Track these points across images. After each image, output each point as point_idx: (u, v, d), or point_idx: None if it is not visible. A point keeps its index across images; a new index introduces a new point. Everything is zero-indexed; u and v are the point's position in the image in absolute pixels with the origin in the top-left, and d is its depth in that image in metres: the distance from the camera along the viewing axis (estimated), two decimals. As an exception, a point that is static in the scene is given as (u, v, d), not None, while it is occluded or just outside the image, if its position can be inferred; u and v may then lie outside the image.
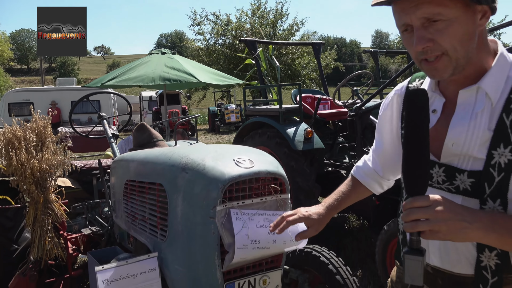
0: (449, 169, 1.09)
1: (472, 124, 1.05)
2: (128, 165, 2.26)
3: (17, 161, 2.65)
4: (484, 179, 1.02)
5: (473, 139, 1.04)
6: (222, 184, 1.62)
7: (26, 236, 3.13)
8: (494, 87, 1.03)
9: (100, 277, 1.70)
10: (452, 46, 1.01)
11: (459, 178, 1.07)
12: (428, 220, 0.94)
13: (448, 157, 1.10)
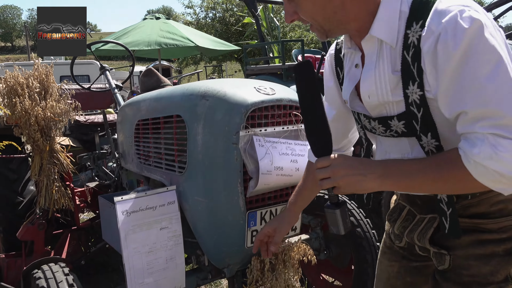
0: (382, 120, 1.10)
1: (377, 73, 1.05)
2: (139, 106, 2.19)
3: (21, 107, 2.57)
4: (410, 118, 1.03)
5: (383, 86, 1.05)
6: (245, 109, 1.58)
7: (31, 189, 3.09)
8: (386, 30, 1.01)
9: (120, 208, 1.67)
10: (310, 17, 1.06)
11: (393, 124, 1.08)
12: (330, 178, 1.02)
13: (374, 109, 1.11)
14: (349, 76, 1.18)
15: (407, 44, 0.98)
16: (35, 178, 2.72)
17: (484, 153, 0.86)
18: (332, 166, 1.02)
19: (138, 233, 1.71)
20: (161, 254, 1.76)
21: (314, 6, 1.04)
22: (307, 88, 1.06)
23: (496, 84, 0.86)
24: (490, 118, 0.86)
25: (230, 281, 2.01)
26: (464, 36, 0.86)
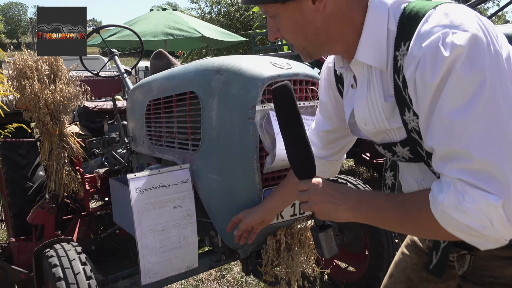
0: (386, 146, 1.03)
1: (369, 99, 0.97)
2: (150, 86, 2.15)
3: (30, 90, 2.54)
4: (414, 144, 0.95)
5: (377, 114, 0.97)
6: (261, 83, 1.54)
7: (41, 174, 3.07)
8: (373, 54, 0.91)
9: (133, 185, 1.64)
10: (289, 38, 1.00)
11: (397, 150, 1.01)
12: (307, 203, 1.01)
13: (375, 136, 1.04)
14: (347, 98, 1.11)
15: (397, 67, 0.88)
16: (45, 163, 2.70)
17: (448, 201, 0.78)
18: (309, 191, 1.00)
19: (151, 211, 1.68)
20: (174, 233, 1.73)
21: (295, 27, 0.96)
22: (286, 112, 1.02)
23: (467, 120, 0.75)
24: (459, 160, 0.77)
25: (244, 263, 1.98)
26: (443, 66, 0.76)
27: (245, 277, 2.84)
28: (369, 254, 2.50)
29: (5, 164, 2.94)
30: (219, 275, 2.93)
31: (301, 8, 0.92)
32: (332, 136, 1.30)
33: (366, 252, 2.55)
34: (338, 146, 1.33)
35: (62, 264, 1.60)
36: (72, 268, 1.59)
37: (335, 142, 1.32)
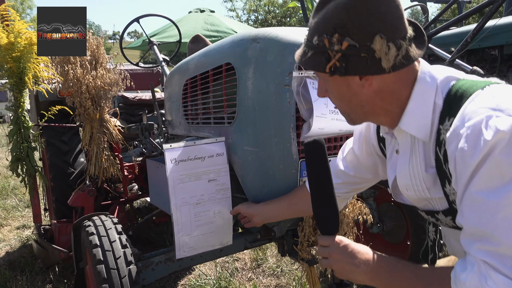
0: (429, 212, 1.04)
1: (411, 168, 0.99)
2: (187, 66, 2.16)
3: (73, 75, 2.62)
4: (456, 214, 0.91)
5: (418, 183, 0.99)
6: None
7: (82, 160, 3.16)
8: (417, 125, 0.94)
9: (168, 156, 1.63)
10: (336, 103, 1.04)
11: (440, 217, 1.02)
12: (327, 259, 1.02)
13: (417, 202, 1.05)
14: (391, 163, 1.12)
15: (439, 140, 0.91)
16: (86, 148, 2.77)
17: (470, 282, 0.78)
18: (330, 249, 1.01)
19: (186, 183, 1.66)
20: (209, 207, 1.70)
21: (341, 96, 1.00)
22: (316, 168, 1.04)
23: (500, 202, 0.75)
24: (487, 242, 0.77)
25: (279, 243, 1.92)
26: (483, 148, 0.76)
27: (281, 267, 2.78)
28: (411, 244, 2.38)
29: (49, 150, 3.05)
30: (254, 264, 2.88)
31: (348, 81, 0.95)
32: (350, 179, 1.34)
33: (407, 242, 2.43)
34: (351, 188, 1.37)
35: (99, 232, 1.61)
36: (108, 236, 1.59)
37: (349, 185, 1.36)
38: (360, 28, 0.87)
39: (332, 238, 1.02)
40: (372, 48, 0.87)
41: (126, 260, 1.55)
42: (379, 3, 0.87)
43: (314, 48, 0.94)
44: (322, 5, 0.93)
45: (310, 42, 0.96)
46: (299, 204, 1.53)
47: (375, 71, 0.89)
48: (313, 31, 0.94)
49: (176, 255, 1.66)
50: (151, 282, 1.77)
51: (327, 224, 1.05)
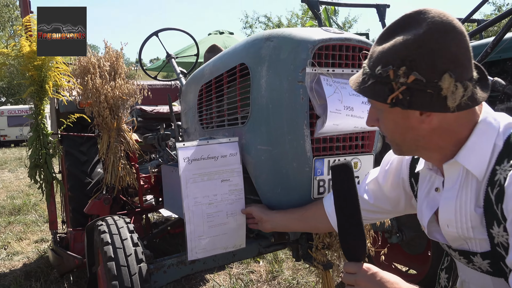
0: (463, 253, 1.02)
1: (458, 204, 0.97)
2: (203, 72, 2.18)
3: (92, 85, 2.68)
4: (498, 259, 0.93)
5: (463, 221, 0.96)
6: (312, 45, 1.49)
7: (99, 171, 3.19)
8: (475, 161, 0.93)
9: (181, 155, 1.63)
10: (386, 133, 1.02)
11: (476, 260, 0.99)
12: (353, 287, 1.00)
13: (454, 241, 1.03)
14: (428, 200, 1.11)
15: (493, 180, 0.90)
16: (103, 157, 2.79)
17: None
18: (357, 276, 0.99)
19: (199, 182, 1.65)
20: (221, 208, 1.68)
21: (395, 128, 0.98)
22: (344, 192, 1.04)
23: None
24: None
25: (293, 247, 1.87)
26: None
27: (297, 279, 2.70)
28: (431, 254, 2.30)
29: (67, 160, 3.09)
30: (269, 276, 2.82)
31: (407, 114, 0.93)
32: (368, 207, 1.34)
33: (428, 253, 2.34)
34: (366, 217, 1.34)
35: (111, 231, 1.60)
36: (120, 235, 1.58)
37: (365, 212, 1.32)
38: (430, 64, 0.86)
39: (359, 265, 1.00)
40: (439, 85, 0.86)
41: (137, 258, 1.53)
42: (452, 43, 0.86)
43: (376, 78, 0.92)
44: (390, 35, 0.93)
45: (371, 71, 0.94)
46: (311, 220, 1.51)
47: (439, 108, 0.88)
48: (377, 60, 0.93)
49: (188, 257, 1.63)
50: (163, 285, 1.74)
51: (354, 250, 1.04)
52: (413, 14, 0.90)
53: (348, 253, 1.05)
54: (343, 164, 1.02)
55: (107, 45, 2.92)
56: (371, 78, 0.93)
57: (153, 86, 4.05)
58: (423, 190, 1.13)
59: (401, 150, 1.04)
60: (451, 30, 0.87)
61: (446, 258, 1.25)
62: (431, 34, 0.86)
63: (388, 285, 0.95)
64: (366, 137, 1.67)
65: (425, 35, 0.86)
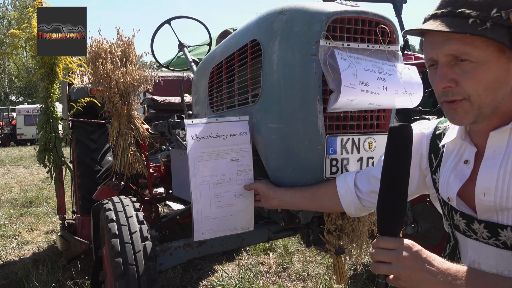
0: (490, 225, 0.97)
1: (503, 171, 0.92)
2: (214, 54, 2.14)
3: (103, 70, 2.66)
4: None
5: (504, 189, 0.91)
6: (326, 17, 1.42)
7: (109, 159, 3.17)
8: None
9: (190, 132, 1.58)
10: (476, 91, 0.92)
11: (504, 234, 0.94)
12: (390, 264, 0.88)
13: (485, 212, 0.97)
14: (456, 172, 1.06)
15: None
16: (113, 144, 2.77)
17: None
18: (399, 252, 0.88)
19: (207, 161, 1.60)
20: (229, 188, 1.63)
21: (493, 83, 0.91)
22: (398, 157, 0.94)
23: None
24: None
25: (304, 232, 1.81)
26: None
27: (307, 271, 2.63)
28: (447, 247, 2.21)
29: (78, 148, 3.08)
30: (279, 268, 2.75)
31: (509, 66, 0.90)
32: None
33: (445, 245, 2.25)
34: None
35: (116, 209, 1.56)
36: (125, 212, 1.54)
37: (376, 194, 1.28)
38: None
39: (400, 240, 0.89)
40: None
41: (142, 236, 1.49)
42: None
43: (495, 20, 0.86)
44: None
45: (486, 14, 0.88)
46: (322, 199, 1.45)
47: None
48: (489, 2, 0.88)
49: (194, 237, 1.58)
50: (168, 267, 1.70)
51: (394, 223, 0.92)
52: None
53: (384, 225, 0.93)
54: (405, 125, 0.94)
55: (119, 32, 2.90)
56: (489, 20, 0.87)
57: (165, 77, 4.03)
58: (450, 163, 1.08)
59: (481, 113, 0.95)
60: None
61: (449, 244, 1.17)
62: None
63: (436, 264, 0.87)
64: (382, 116, 1.60)
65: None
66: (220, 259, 2.97)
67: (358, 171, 1.44)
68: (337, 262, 1.68)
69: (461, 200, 1.04)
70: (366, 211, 1.42)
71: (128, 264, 1.38)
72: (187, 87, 4.06)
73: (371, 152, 1.58)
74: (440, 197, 1.14)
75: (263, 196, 1.58)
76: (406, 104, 1.51)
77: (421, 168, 1.21)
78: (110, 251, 1.45)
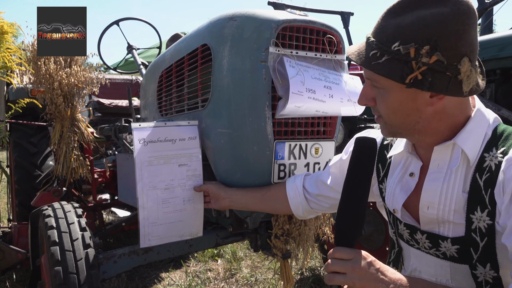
0: (431, 236, 1.01)
1: (446, 186, 0.97)
2: (164, 58, 2.11)
3: (46, 70, 2.54)
4: (469, 245, 0.94)
5: (447, 203, 0.96)
6: (276, 24, 1.45)
7: (50, 164, 3.02)
8: (470, 144, 0.94)
9: (137, 136, 1.54)
10: (385, 113, 0.98)
11: (444, 245, 0.99)
12: (345, 275, 0.88)
13: (427, 223, 1.02)
14: (401, 184, 1.10)
15: (482, 167, 0.92)
16: (55, 147, 2.65)
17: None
18: (354, 262, 0.88)
19: (155, 166, 1.57)
20: (178, 193, 1.61)
21: (400, 109, 0.94)
22: (361, 168, 0.95)
23: None
24: None
25: (252, 237, 1.82)
26: None
27: (255, 276, 2.64)
28: (389, 250, 2.30)
29: (16, 151, 2.91)
30: (227, 274, 2.74)
31: (416, 95, 0.91)
32: (328, 193, 1.33)
33: (386, 248, 2.35)
34: (324, 203, 1.36)
35: (56, 215, 1.49)
36: (66, 219, 1.48)
37: (324, 199, 1.35)
38: (453, 46, 0.84)
39: (356, 251, 0.89)
40: (458, 68, 0.85)
41: (84, 243, 1.43)
42: (472, 26, 0.85)
43: (393, 54, 0.87)
44: (405, 10, 0.88)
45: (386, 47, 0.88)
46: (271, 200, 1.47)
47: (454, 92, 0.87)
48: (394, 36, 0.88)
49: (140, 244, 1.54)
50: (112, 276, 1.64)
51: (351, 234, 0.93)
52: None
53: (341, 236, 0.94)
54: (370, 139, 0.95)
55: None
56: (386, 54, 0.88)
57: (112, 80, 3.92)
58: (396, 175, 1.11)
59: (395, 132, 1.00)
60: (474, 13, 0.85)
61: (393, 251, 1.22)
62: (458, 15, 0.83)
63: (389, 274, 0.87)
64: (328, 123, 1.65)
65: (453, 15, 0.83)
66: (167, 266, 2.92)
67: (307, 174, 1.47)
68: (284, 266, 1.70)
69: (406, 211, 1.08)
70: (313, 213, 1.45)
71: (68, 272, 1.32)
72: (135, 91, 3.96)
73: (317, 158, 1.63)
74: (386, 206, 1.18)
75: (213, 197, 1.57)
76: (351, 112, 1.57)
77: None
78: (49, 260, 1.38)
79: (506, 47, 2.85)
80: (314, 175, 1.42)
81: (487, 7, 3.30)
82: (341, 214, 0.95)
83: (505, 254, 0.88)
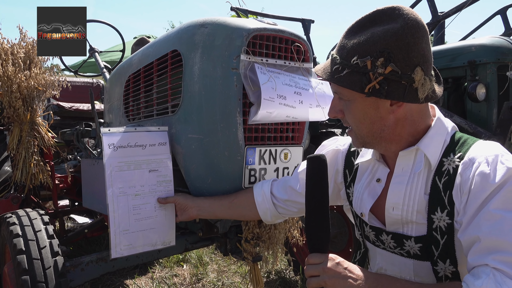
0: (396, 236, 1.09)
1: (409, 189, 1.05)
2: (131, 62, 2.09)
3: (3, 73, 2.44)
4: (430, 243, 1.03)
5: (410, 204, 1.04)
6: (247, 32, 1.49)
7: (7, 169, 2.89)
8: (432, 149, 1.03)
9: (106, 140, 1.53)
10: (353, 124, 1.07)
11: (408, 244, 1.07)
12: (319, 277, 0.98)
13: (392, 224, 1.10)
14: (369, 189, 1.17)
15: (441, 170, 1.00)
16: (13, 152, 2.54)
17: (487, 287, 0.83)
18: (324, 264, 0.98)
19: (125, 171, 1.56)
20: (149, 200, 1.60)
21: (364, 118, 1.03)
22: (316, 182, 1.02)
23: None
24: (503, 252, 0.85)
25: (222, 242, 1.84)
26: (505, 173, 0.88)
27: (222, 280, 2.66)
28: (353, 251, 2.39)
29: (-31, 157, 2.77)
30: (194, 279, 2.73)
31: (378, 104, 1.00)
32: (296, 198, 1.37)
33: (349, 250, 2.43)
34: (292, 207, 1.40)
35: (22, 223, 1.45)
36: (33, 226, 1.43)
37: (292, 204, 1.39)
38: (405, 57, 0.93)
39: (325, 255, 1.00)
40: (412, 77, 0.94)
41: (52, 251, 1.39)
42: (422, 39, 0.95)
43: (352, 68, 0.97)
44: (363, 28, 0.98)
45: (346, 61, 0.98)
46: (239, 207, 1.50)
47: (410, 99, 0.96)
48: (353, 51, 0.97)
49: (112, 254, 1.51)
50: (79, 283, 1.60)
51: (320, 241, 1.02)
52: (387, 10, 0.96)
53: (313, 244, 1.03)
54: (319, 156, 1.03)
55: (23, 32, 2.69)
56: (347, 68, 0.98)
57: (73, 83, 3.81)
58: (364, 181, 1.19)
59: (364, 141, 1.08)
60: (422, 27, 0.95)
61: (359, 251, 1.30)
62: (407, 29, 0.93)
63: (356, 271, 0.96)
64: (296, 129, 1.71)
65: (402, 30, 0.93)
66: (132, 272, 2.86)
67: (275, 180, 1.51)
68: (254, 270, 1.73)
69: (372, 215, 1.15)
70: (281, 218, 1.49)
71: (36, 281, 1.29)
72: (96, 94, 3.88)
73: (286, 163, 1.67)
74: (353, 210, 1.25)
75: (180, 209, 1.58)
76: (319, 116, 1.63)
77: (336, 182, 1.32)
78: (15, 269, 1.33)
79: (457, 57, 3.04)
80: (281, 181, 1.46)
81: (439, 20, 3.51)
82: (308, 225, 1.03)
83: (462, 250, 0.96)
